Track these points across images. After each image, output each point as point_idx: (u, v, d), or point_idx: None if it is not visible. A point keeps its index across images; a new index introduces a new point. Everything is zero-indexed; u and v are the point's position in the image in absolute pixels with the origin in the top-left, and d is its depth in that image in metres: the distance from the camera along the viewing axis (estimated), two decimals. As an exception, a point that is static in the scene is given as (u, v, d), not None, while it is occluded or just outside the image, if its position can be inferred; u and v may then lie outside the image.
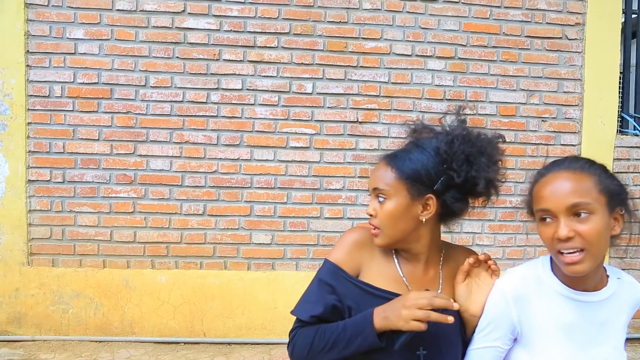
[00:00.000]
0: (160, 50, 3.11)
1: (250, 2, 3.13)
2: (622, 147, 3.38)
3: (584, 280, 1.06)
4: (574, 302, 1.08)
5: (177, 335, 3.16)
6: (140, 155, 3.13)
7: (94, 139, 3.10)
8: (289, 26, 3.16)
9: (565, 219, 0.99)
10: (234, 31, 3.14)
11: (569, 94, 3.34)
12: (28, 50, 3.03)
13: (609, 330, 1.09)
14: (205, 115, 3.14)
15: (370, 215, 1.17)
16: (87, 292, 3.15)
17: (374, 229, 1.16)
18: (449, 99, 3.27)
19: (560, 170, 1.04)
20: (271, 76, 3.16)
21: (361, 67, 3.21)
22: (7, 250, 3.09)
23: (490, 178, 1.14)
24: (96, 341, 3.10)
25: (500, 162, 1.18)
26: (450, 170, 1.12)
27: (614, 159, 3.36)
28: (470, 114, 3.28)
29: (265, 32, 3.15)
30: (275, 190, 3.21)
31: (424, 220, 1.14)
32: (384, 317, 1.07)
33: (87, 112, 3.09)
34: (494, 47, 3.28)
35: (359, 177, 3.24)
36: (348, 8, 3.17)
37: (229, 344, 3.16)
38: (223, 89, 3.15)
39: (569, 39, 3.32)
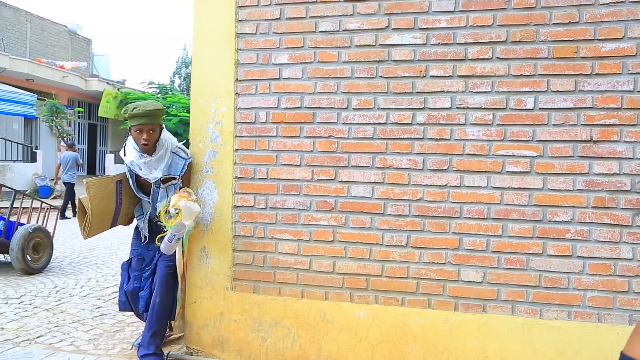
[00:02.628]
0: (363, 70, 2.94)
1: (460, 11, 2.82)
2: None
3: None
4: None
5: (377, 377, 2.90)
6: (341, 182, 2.98)
7: (295, 165, 3.04)
8: (505, 33, 2.77)
9: None
10: (442, 44, 2.84)
11: None
12: (237, 79, 3.09)
13: None
14: (410, 138, 2.88)
15: None
16: (285, 321, 3.06)
17: None
18: None
19: None
20: (485, 92, 2.79)
21: (597, 74, 2.67)
22: (214, 275, 3.15)
23: None
24: (294, 374, 2.98)
25: None
26: None
27: None
28: None
29: (477, 43, 2.80)
30: (488, 222, 2.80)
31: None
32: None
33: (289, 137, 3.04)
34: None
35: (592, 207, 2.68)
36: (580, 5, 2.67)
37: (435, 394, 2.79)
38: (430, 108, 2.86)
39: None
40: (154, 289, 3.15)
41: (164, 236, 2.95)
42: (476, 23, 2.80)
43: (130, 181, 3.19)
